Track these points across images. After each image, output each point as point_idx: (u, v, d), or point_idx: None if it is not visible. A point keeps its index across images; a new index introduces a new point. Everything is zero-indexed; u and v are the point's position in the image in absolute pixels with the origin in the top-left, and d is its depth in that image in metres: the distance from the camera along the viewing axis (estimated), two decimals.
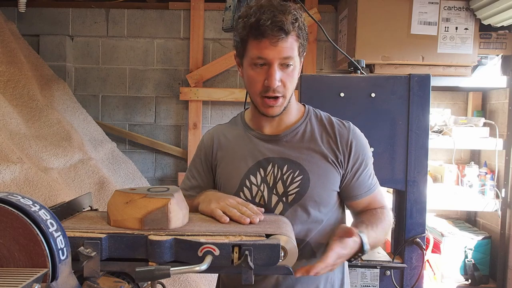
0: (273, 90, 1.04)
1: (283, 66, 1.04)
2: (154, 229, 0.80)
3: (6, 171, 1.66)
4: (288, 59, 1.03)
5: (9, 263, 0.62)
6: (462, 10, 2.43)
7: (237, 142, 1.18)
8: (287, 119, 1.15)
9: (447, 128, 2.52)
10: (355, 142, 1.13)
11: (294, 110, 1.16)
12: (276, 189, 1.10)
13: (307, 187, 1.09)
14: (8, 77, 2.22)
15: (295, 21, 1.02)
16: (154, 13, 2.93)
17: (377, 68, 2.49)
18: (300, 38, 1.05)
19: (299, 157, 1.11)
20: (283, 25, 0.99)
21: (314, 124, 1.16)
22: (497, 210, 2.49)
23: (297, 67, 1.07)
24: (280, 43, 1.01)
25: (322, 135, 1.14)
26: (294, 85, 1.09)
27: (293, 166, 1.10)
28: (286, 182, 1.10)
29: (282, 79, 1.04)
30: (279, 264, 0.77)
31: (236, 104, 2.91)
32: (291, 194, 1.09)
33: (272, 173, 1.11)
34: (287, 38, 1.01)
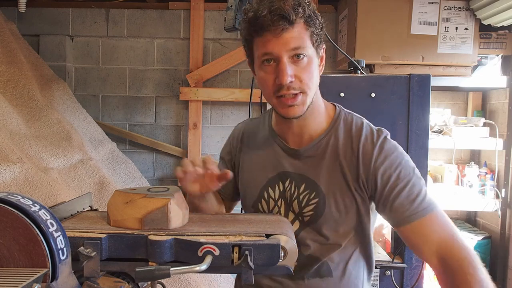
0: (287, 87, 0.93)
1: (294, 59, 0.93)
2: (154, 229, 0.81)
3: (6, 171, 1.66)
4: (297, 50, 0.92)
5: (9, 263, 0.62)
6: (462, 10, 2.43)
7: (261, 147, 1.10)
8: (311, 127, 1.02)
9: (447, 128, 2.52)
10: (382, 160, 0.96)
11: (320, 115, 1.03)
12: (292, 207, 1.03)
13: (322, 210, 1.00)
14: (8, 77, 2.22)
15: (298, 6, 0.91)
16: (154, 13, 2.93)
17: (377, 68, 2.49)
18: (310, 26, 0.94)
19: (317, 176, 1.00)
20: (283, 12, 0.89)
21: (340, 135, 1.02)
22: (497, 210, 2.49)
23: (314, 59, 0.96)
24: (285, 33, 0.91)
25: (346, 150, 1.00)
26: (314, 80, 0.96)
27: (310, 187, 1.01)
28: (302, 203, 1.02)
29: (296, 73, 0.93)
30: (279, 264, 0.77)
31: (236, 104, 2.91)
32: (306, 216, 1.02)
33: (289, 189, 1.04)
34: (293, 27, 0.91)
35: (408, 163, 0.98)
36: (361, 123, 1.03)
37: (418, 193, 0.94)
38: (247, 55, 1.02)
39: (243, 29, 0.97)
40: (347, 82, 1.66)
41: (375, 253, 1.81)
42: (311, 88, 0.96)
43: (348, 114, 1.06)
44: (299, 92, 0.94)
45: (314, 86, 0.97)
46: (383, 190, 0.96)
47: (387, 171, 0.96)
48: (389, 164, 0.96)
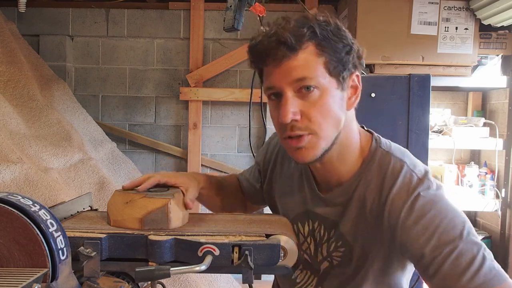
0: (291, 127, 0.78)
1: (302, 92, 0.77)
2: (154, 229, 0.81)
3: (6, 171, 1.66)
4: (303, 81, 0.76)
5: (9, 263, 0.62)
6: (462, 10, 2.43)
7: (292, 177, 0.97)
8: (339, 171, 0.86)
9: (447, 128, 2.52)
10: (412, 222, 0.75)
11: (351, 156, 0.85)
12: (321, 249, 0.93)
13: (349, 261, 0.88)
14: (8, 77, 2.22)
15: (302, 28, 0.76)
16: (154, 13, 2.93)
17: (377, 68, 2.48)
18: (325, 51, 0.77)
19: (345, 225, 0.87)
20: (281, 37, 0.75)
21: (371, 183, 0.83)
22: (497, 210, 2.49)
23: (330, 91, 0.78)
24: (286, 61, 0.76)
25: (374, 200, 0.82)
26: (331, 118, 0.78)
27: (338, 235, 0.89)
28: (330, 248, 0.91)
29: (304, 110, 0.77)
30: (279, 264, 0.77)
31: (236, 104, 2.91)
32: (335, 260, 0.91)
33: (318, 231, 0.93)
34: (297, 54, 0.76)
35: (454, 222, 0.74)
36: (400, 167, 0.81)
37: (469, 263, 0.70)
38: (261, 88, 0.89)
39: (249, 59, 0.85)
40: None
41: None
42: (325, 128, 0.78)
43: (386, 152, 0.85)
44: (307, 133, 0.78)
45: (332, 126, 0.79)
46: (419, 262, 0.75)
47: (420, 237, 0.74)
48: (422, 228, 0.74)
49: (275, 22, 0.79)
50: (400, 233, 0.76)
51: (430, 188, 0.78)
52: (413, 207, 0.76)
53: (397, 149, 0.87)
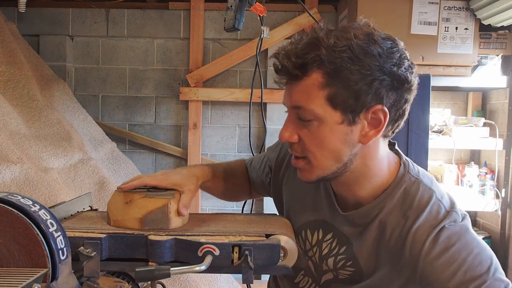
0: (289, 146, 0.80)
1: (301, 119, 0.76)
2: (154, 229, 0.81)
3: (6, 171, 1.66)
4: (298, 110, 0.75)
5: (9, 263, 0.62)
6: (462, 10, 2.43)
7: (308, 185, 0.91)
8: (357, 194, 0.82)
9: (447, 128, 2.52)
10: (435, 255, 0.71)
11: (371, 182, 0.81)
12: (327, 262, 0.89)
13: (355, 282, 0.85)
14: (8, 77, 2.22)
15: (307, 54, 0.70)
16: (154, 13, 2.93)
17: None
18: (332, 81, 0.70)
19: (358, 247, 0.83)
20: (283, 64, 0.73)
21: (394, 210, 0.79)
22: (497, 210, 2.49)
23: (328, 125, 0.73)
24: (290, 85, 0.75)
25: (394, 233, 0.77)
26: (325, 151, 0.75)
27: (349, 254, 0.85)
28: (338, 264, 0.87)
29: (301, 134, 0.76)
30: (279, 264, 0.77)
31: (236, 104, 2.91)
32: (341, 275, 0.87)
33: (329, 243, 0.88)
34: (300, 81, 0.72)
35: (481, 257, 0.71)
36: (429, 197, 0.77)
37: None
38: None
39: None
40: None
41: None
42: (319, 159, 0.76)
43: (414, 180, 0.80)
44: (301, 157, 0.78)
45: (329, 159, 0.76)
46: None
47: (445, 271, 0.70)
48: (447, 262, 0.70)
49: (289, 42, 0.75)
50: (422, 265, 0.72)
51: (456, 221, 0.75)
52: (438, 240, 0.72)
53: (426, 176, 0.82)
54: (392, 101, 0.73)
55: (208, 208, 2.94)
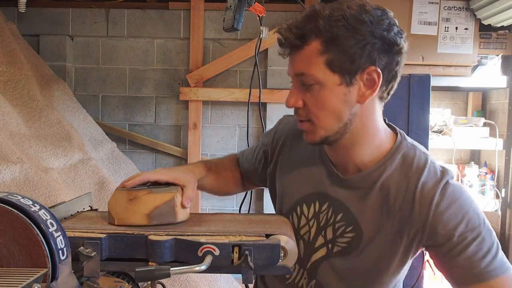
0: (295, 112, 0.87)
1: (304, 85, 0.83)
2: (161, 224, 0.82)
3: (6, 171, 1.66)
4: (301, 76, 0.82)
5: (9, 263, 0.62)
6: (462, 10, 2.43)
7: (306, 159, 0.98)
8: (356, 158, 0.88)
9: (447, 128, 2.52)
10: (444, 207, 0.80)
11: (370, 145, 0.88)
12: (325, 232, 0.92)
13: (355, 248, 0.88)
14: (8, 77, 2.22)
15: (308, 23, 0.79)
16: (154, 13, 2.93)
17: None
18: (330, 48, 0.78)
19: (359, 211, 0.88)
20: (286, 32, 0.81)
21: (395, 171, 0.86)
22: (497, 210, 2.49)
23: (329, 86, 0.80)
24: (293, 55, 0.83)
25: (399, 191, 0.85)
26: (327, 112, 0.82)
27: (348, 219, 0.89)
28: (337, 232, 0.91)
29: (305, 99, 0.83)
30: (279, 264, 0.77)
31: (236, 104, 2.91)
32: (337, 246, 0.91)
33: (326, 213, 0.92)
34: (301, 50, 0.80)
35: (477, 211, 0.82)
36: (425, 160, 0.86)
37: (489, 249, 0.80)
38: None
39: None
40: None
41: None
42: (322, 119, 0.83)
43: (411, 146, 0.89)
44: (306, 120, 0.85)
45: (331, 118, 0.83)
46: (446, 243, 0.80)
47: (451, 221, 0.80)
48: (453, 213, 0.80)
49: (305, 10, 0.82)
50: (433, 216, 0.81)
51: (453, 178, 0.85)
52: (445, 193, 0.81)
53: (418, 144, 0.92)
54: (384, 63, 0.81)
55: (208, 208, 2.94)
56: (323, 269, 0.93)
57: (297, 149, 1.01)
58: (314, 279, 0.94)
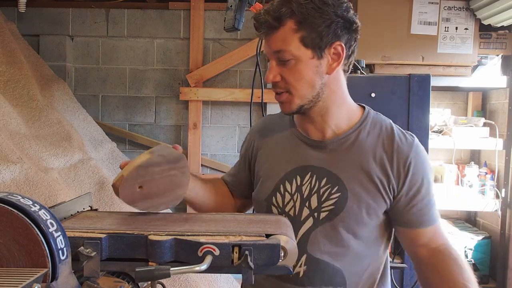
0: (273, 86, 0.98)
1: (281, 61, 0.95)
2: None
3: (6, 171, 1.66)
4: (279, 53, 0.94)
5: (9, 263, 0.62)
6: (462, 10, 2.43)
7: (281, 141, 1.08)
8: (333, 123, 1.00)
9: (447, 128, 2.52)
10: (415, 162, 0.97)
11: (343, 113, 1.01)
12: (309, 202, 0.99)
13: (342, 207, 0.96)
14: (8, 77, 2.22)
15: (282, 6, 0.91)
16: (154, 13, 2.93)
17: (377, 68, 2.49)
18: (303, 28, 0.91)
19: (341, 171, 0.98)
20: (262, 19, 0.94)
21: (369, 134, 1.00)
22: (497, 210, 2.49)
23: (304, 60, 0.93)
24: (270, 36, 0.94)
25: (376, 150, 0.98)
26: (304, 81, 0.95)
27: (332, 181, 0.98)
28: (322, 197, 0.98)
29: (282, 74, 0.95)
30: (279, 264, 0.77)
31: (236, 104, 2.91)
32: (324, 211, 0.97)
33: (309, 183, 1.00)
34: (277, 31, 0.93)
35: (431, 168, 1.01)
36: (390, 124, 1.03)
37: (434, 202, 1.00)
38: None
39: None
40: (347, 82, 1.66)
41: None
42: (298, 89, 0.96)
43: (376, 114, 1.05)
44: (284, 91, 0.97)
45: (306, 88, 0.96)
46: (410, 191, 0.97)
47: (418, 174, 0.97)
48: (421, 168, 0.98)
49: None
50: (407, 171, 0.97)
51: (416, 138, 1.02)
52: (418, 153, 0.98)
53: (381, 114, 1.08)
54: (346, 39, 0.96)
55: None
56: (312, 241, 0.98)
57: (271, 137, 1.11)
58: (305, 254, 0.99)
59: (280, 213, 1.02)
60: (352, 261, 0.98)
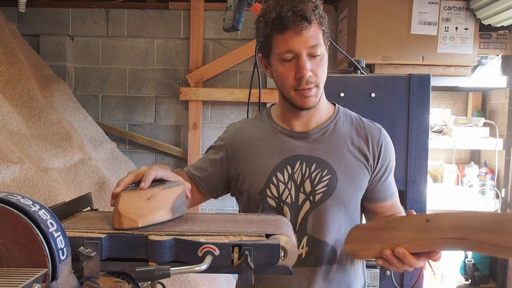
0: (306, 82, 1.02)
1: (311, 56, 1.02)
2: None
3: (6, 171, 1.66)
4: (315, 48, 1.02)
5: (9, 263, 0.62)
6: (462, 10, 2.43)
7: (264, 138, 1.15)
8: (317, 116, 1.13)
9: (447, 128, 2.52)
10: (385, 144, 1.13)
11: (324, 107, 1.15)
12: (303, 187, 1.09)
13: (334, 187, 1.07)
14: (8, 77, 2.22)
15: (315, 8, 1.02)
16: (154, 13, 2.93)
17: (377, 68, 2.49)
18: (322, 25, 1.04)
19: (328, 156, 1.09)
20: (305, 14, 0.99)
21: (344, 123, 1.14)
22: (497, 210, 2.49)
23: (325, 55, 1.06)
24: (305, 32, 1.00)
25: (353, 135, 1.13)
26: (325, 75, 1.07)
27: (322, 165, 1.09)
28: (314, 181, 1.08)
29: (313, 68, 1.02)
30: (279, 264, 0.77)
31: (236, 104, 2.91)
32: (318, 193, 1.08)
33: (300, 171, 1.09)
34: (311, 27, 1.00)
35: (393, 148, 1.17)
36: (358, 115, 1.19)
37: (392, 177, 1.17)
38: (262, 51, 1.10)
39: (263, 27, 1.04)
40: (347, 82, 1.66)
41: None
42: (323, 81, 1.07)
43: (346, 109, 1.20)
44: (314, 85, 1.04)
45: (324, 79, 1.07)
46: (381, 168, 1.12)
47: (387, 153, 1.13)
48: (389, 148, 1.14)
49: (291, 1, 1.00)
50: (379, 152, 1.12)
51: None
52: (386, 136, 1.15)
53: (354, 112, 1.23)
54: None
55: (208, 208, 2.94)
56: (311, 222, 1.08)
57: (252, 137, 1.16)
58: (306, 235, 1.09)
59: (277, 203, 1.09)
60: (342, 235, 1.07)
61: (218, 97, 2.85)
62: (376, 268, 1.70)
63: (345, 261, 1.12)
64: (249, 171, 1.13)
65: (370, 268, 1.70)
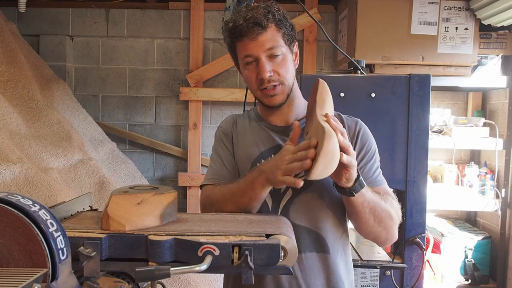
0: (267, 81, 1.10)
1: (271, 57, 1.10)
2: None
3: (6, 171, 1.66)
4: (273, 50, 1.09)
5: (9, 263, 0.62)
6: (462, 10, 2.43)
7: (251, 129, 1.23)
8: (295, 111, 1.19)
9: (447, 128, 2.52)
10: (362, 131, 1.18)
11: (302, 105, 1.20)
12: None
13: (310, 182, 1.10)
14: (8, 77, 2.22)
15: (268, 13, 1.08)
16: (154, 13, 2.93)
17: (377, 68, 2.49)
18: (281, 28, 1.10)
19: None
20: (256, 20, 1.07)
21: None
22: (497, 210, 2.49)
23: (287, 55, 1.12)
24: (260, 37, 1.08)
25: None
26: (290, 73, 1.13)
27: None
28: None
29: (274, 68, 1.09)
30: (279, 264, 0.77)
31: (236, 104, 2.91)
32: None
33: None
34: (266, 31, 1.08)
35: (374, 141, 1.20)
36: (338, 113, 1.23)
37: (377, 167, 1.18)
38: (233, 59, 1.22)
39: (226, 37, 1.15)
40: (347, 82, 1.66)
41: (375, 253, 1.81)
42: (288, 79, 1.12)
43: None
44: (278, 83, 1.11)
45: (291, 77, 1.13)
46: (359, 153, 1.16)
47: (364, 139, 1.17)
48: (367, 135, 1.18)
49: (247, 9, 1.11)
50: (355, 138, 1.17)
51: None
52: (362, 125, 1.20)
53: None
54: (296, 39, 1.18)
55: None
56: (293, 209, 1.12)
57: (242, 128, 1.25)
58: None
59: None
60: (328, 224, 1.12)
61: (218, 97, 2.85)
62: (376, 268, 1.70)
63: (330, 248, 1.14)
64: (238, 157, 1.22)
65: (370, 268, 1.70)
